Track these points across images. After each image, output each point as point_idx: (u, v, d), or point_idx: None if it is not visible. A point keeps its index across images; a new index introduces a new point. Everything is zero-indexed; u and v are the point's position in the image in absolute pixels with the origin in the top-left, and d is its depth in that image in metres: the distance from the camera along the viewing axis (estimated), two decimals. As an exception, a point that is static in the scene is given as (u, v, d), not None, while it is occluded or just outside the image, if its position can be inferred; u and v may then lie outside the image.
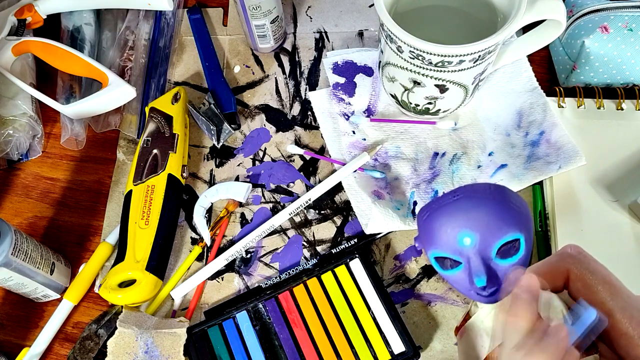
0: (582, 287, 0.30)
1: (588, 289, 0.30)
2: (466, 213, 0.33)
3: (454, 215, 0.33)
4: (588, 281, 0.30)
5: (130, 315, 0.50)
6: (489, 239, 0.33)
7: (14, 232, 0.48)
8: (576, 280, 0.30)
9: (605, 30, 0.54)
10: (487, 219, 0.33)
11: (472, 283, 0.33)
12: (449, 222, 0.34)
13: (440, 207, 0.34)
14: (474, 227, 0.33)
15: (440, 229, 0.34)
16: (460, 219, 0.33)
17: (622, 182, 0.53)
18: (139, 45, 0.64)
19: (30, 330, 0.53)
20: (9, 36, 0.60)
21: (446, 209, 0.34)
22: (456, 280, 0.35)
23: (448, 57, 0.46)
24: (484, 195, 0.34)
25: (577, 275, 0.30)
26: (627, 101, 0.56)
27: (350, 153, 0.57)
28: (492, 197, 0.34)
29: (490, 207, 0.33)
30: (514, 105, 0.57)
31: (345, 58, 0.62)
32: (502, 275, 0.33)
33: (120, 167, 0.60)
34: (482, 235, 0.32)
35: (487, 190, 0.34)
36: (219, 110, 0.59)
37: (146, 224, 0.53)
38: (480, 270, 0.32)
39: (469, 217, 0.33)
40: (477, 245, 0.33)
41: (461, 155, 0.56)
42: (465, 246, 0.33)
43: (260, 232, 0.54)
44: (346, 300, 0.51)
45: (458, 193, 0.34)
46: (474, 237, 0.32)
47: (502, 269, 0.33)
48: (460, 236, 0.33)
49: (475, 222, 0.33)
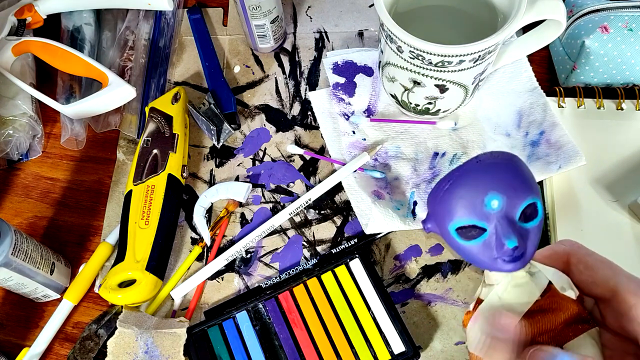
0: (584, 269, 0.30)
1: (590, 269, 0.30)
2: (492, 175, 0.33)
3: (480, 178, 0.34)
4: (589, 262, 0.30)
5: (130, 315, 0.50)
6: (514, 201, 0.33)
7: (14, 232, 0.48)
8: (578, 263, 0.31)
9: (605, 30, 0.54)
10: (511, 181, 0.33)
11: (500, 248, 0.33)
12: (476, 185, 0.34)
13: (465, 173, 0.34)
14: (501, 189, 0.33)
15: (467, 195, 0.34)
16: (487, 181, 0.33)
17: (622, 182, 0.53)
18: (139, 45, 0.64)
19: (30, 330, 0.53)
20: (9, 36, 0.60)
21: (472, 174, 0.34)
22: (480, 250, 0.34)
23: (448, 57, 0.46)
24: (505, 161, 0.34)
25: (578, 258, 0.31)
26: (627, 101, 0.56)
27: (350, 153, 0.57)
28: (512, 163, 0.34)
29: (512, 172, 0.34)
30: (514, 105, 0.57)
31: (345, 58, 0.62)
32: (526, 239, 0.33)
33: (120, 167, 0.60)
34: (508, 198, 0.33)
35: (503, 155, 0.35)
36: (219, 110, 0.59)
37: (146, 224, 0.53)
38: (509, 232, 0.33)
39: (495, 180, 0.33)
40: (504, 208, 0.33)
41: (461, 155, 0.56)
42: (492, 209, 0.33)
43: (260, 232, 0.54)
44: (346, 300, 0.51)
45: (480, 158, 0.35)
46: (501, 199, 0.33)
47: (526, 231, 0.33)
48: (488, 199, 0.33)
49: (501, 184, 0.33)
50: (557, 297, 0.31)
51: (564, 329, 0.31)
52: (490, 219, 0.33)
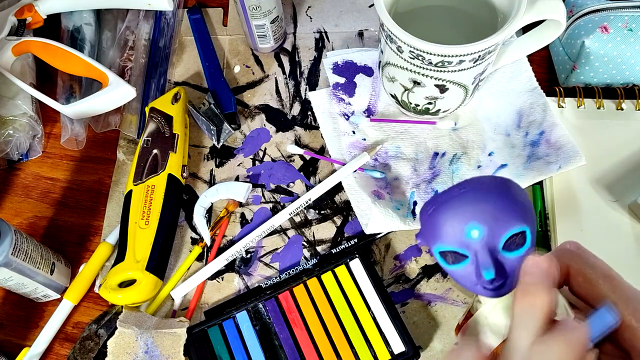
0: (583, 282, 0.30)
1: (589, 283, 0.29)
2: (474, 205, 0.33)
3: (461, 207, 0.33)
4: (589, 275, 0.29)
5: (130, 315, 0.50)
6: (497, 231, 0.33)
7: (14, 232, 0.48)
8: (577, 275, 0.30)
9: (605, 30, 0.54)
10: (494, 211, 0.33)
11: (479, 277, 0.33)
12: (456, 214, 0.33)
13: (448, 200, 0.34)
14: (481, 219, 0.33)
15: (447, 222, 0.34)
16: (468, 211, 0.33)
17: (622, 182, 0.53)
18: (139, 45, 0.64)
19: (30, 330, 0.53)
20: (9, 36, 0.60)
21: (453, 202, 0.34)
22: (462, 275, 0.34)
23: (448, 57, 0.46)
24: (491, 188, 0.34)
25: (577, 270, 0.30)
26: (627, 101, 0.56)
27: (350, 153, 0.57)
28: (498, 189, 0.34)
29: (497, 200, 0.33)
30: (514, 105, 0.57)
31: (345, 58, 0.62)
32: (509, 268, 0.33)
33: (120, 167, 0.60)
34: (489, 228, 0.32)
35: (493, 182, 0.34)
36: (219, 110, 0.59)
37: (146, 224, 0.53)
38: (488, 263, 0.32)
39: (477, 210, 0.33)
40: (485, 238, 0.33)
41: (461, 155, 0.56)
42: (472, 239, 0.33)
43: (260, 232, 0.54)
44: (346, 300, 0.51)
45: (464, 186, 0.34)
46: (481, 229, 0.32)
47: (509, 261, 0.33)
48: (468, 229, 0.33)
49: (483, 214, 0.33)
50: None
51: None
52: (470, 248, 0.33)
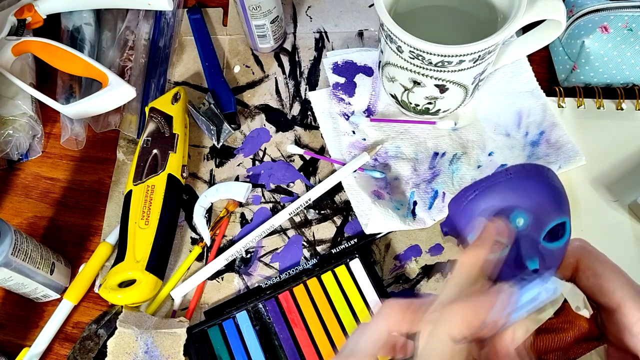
0: (592, 277, 0.30)
1: (598, 278, 0.29)
2: (521, 193, 0.32)
3: (509, 194, 0.33)
4: (598, 270, 0.29)
5: (130, 315, 0.50)
6: (542, 220, 0.32)
7: (14, 232, 0.48)
8: (586, 269, 0.30)
9: (605, 30, 0.54)
10: (541, 200, 0.32)
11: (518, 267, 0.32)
12: (503, 201, 0.33)
13: (493, 186, 0.33)
14: (529, 207, 0.32)
15: (492, 208, 0.33)
16: (515, 198, 0.32)
17: (622, 182, 0.53)
18: (139, 45, 0.64)
19: (30, 330, 0.53)
20: (9, 36, 0.60)
21: (499, 188, 0.33)
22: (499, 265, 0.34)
23: (448, 57, 0.46)
24: (538, 176, 0.33)
25: (587, 264, 0.30)
26: (627, 101, 0.56)
27: (350, 153, 0.57)
28: (543, 178, 0.33)
29: (543, 189, 0.32)
30: (514, 105, 0.57)
31: (345, 58, 0.62)
32: (550, 259, 0.32)
33: (120, 167, 0.60)
34: (535, 217, 0.32)
35: (539, 171, 0.33)
36: (219, 110, 0.59)
37: (146, 224, 0.53)
38: (533, 253, 0.32)
39: (525, 197, 0.32)
40: (529, 227, 0.32)
41: (461, 155, 0.56)
42: (517, 227, 0.32)
43: (260, 232, 0.54)
44: (346, 300, 0.51)
45: (510, 172, 0.34)
46: (527, 218, 0.32)
47: (549, 252, 0.32)
48: (514, 217, 0.32)
49: (530, 202, 0.32)
50: (570, 317, 0.30)
51: (573, 346, 0.30)
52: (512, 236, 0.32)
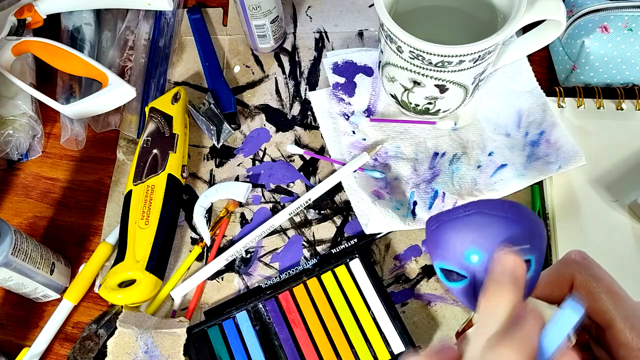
0: (585, 295, 0.30)
1: (591, 296, 0.29)
2: (476, 230, 0.32)
3: (463, 230, 0.32)
4: (591, 289, 0.29)
5: (130, 315, 0.50)
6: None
7: (14, 232, 0.48)
8: (580, 287, 0.30)
9: (605, 30, 0.54)
10: (498, 238, 0.32)
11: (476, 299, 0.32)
12: (457, 237, 0.32)
13: (450, 220, 0.33)
14: (483, 245, 0.32)
15: (448, 242, 0.33)
16: (470, 235, 0.32)
17: (622, 182, 0.53)
18: (139, 45, 0.64)
19: (30, 330, 0.53)
20: (9, 36, 0.60)
21: (456, 223, 0.33)
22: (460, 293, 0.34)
23: (448, 57, 0.46)
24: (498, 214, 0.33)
25: (581, 282, 0.30)
26: (627, 101, 0.56)
27: (350, 153, 0.57)
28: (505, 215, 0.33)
29: (502, 227, 0.32)
30: (514, 105, 0.57)
31: (345, 58, 0.62)
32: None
33: (120, 167, 0.60)
34: (491, 254, 0.32)
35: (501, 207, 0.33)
36: (219, 110, 0.59)
37: (146, 224, 0.53)
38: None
39: (479, 235, 0.32)
40: (485, 263, 0.32)
41: (461, 155, 0.56)
42: (472, 263, 0.32)
43: (260, 232, 0.54)
44: (346, 300, 0.51)
45: (470, 208, 0.33)
46: (482, 255, 0.32)
47: None
48: (468, 252, 0.32)
49: (486, 240, 0.32)
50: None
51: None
52: (469, 270, 0.32)
